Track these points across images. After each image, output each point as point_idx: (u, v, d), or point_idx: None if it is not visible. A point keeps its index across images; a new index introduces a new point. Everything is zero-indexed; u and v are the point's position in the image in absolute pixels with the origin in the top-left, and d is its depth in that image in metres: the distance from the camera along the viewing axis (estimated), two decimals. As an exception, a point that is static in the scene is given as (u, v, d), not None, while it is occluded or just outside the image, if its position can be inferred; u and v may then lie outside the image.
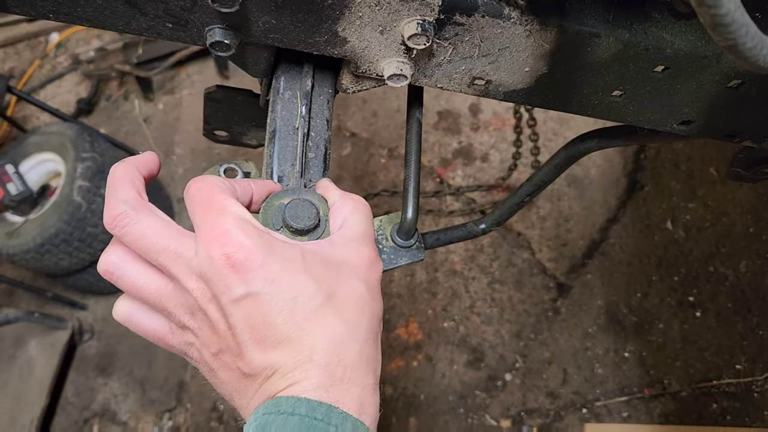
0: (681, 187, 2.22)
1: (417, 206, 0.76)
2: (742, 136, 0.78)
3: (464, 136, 2.56)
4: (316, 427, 0.47)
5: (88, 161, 2.42)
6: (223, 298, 0.50)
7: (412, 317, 2.33)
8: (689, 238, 2.14)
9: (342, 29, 0.63)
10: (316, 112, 0.69)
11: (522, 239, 2.32)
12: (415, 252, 0.78)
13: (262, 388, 0.52)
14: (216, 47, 0.63)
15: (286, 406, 0.48)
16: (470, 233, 1.01)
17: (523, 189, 0.95)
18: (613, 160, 2.34)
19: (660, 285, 2.12)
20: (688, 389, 1.97)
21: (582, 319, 2.16)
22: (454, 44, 0.65)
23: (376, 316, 0.56)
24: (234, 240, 0.50)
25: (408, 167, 0.76)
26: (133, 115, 3.19)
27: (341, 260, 0.55)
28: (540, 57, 0.66)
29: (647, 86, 0.70)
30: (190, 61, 3.18)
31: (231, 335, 0.52)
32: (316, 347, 0.50)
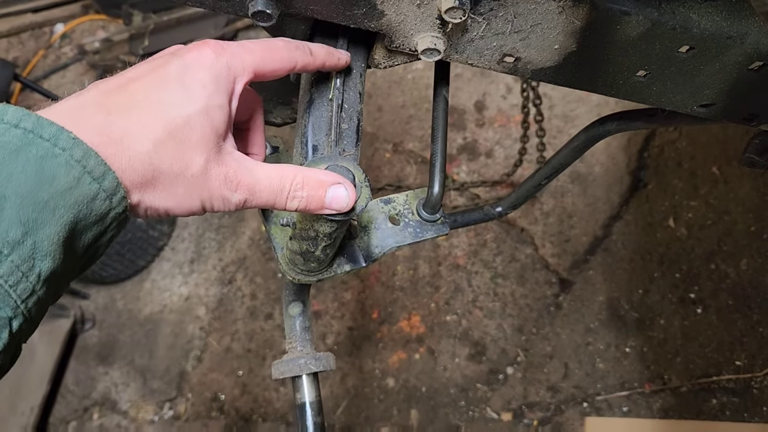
0: (683, 186, 2.24)
1: (443, 181, 0.78)
2: (760, 120, 0.80)
3: (469, 132, 2.58)
4: (39, 145, 0.44)
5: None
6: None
7: (415, 310, 2.35)
8: (691, 236, 2.17)
9: (380, 2, 0.64)
10: (349, 85, 0.71)
11: (525, 235, 2.34)
12: (440, 226, 0.80)
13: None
14: (258, 17, 0.64)
15: (12, 116, 0.44)
16: (487, 215, 1.03)
17: (541, 172, 0.97)
18: (616, 158, 2.37)
19: (661, 282, 2.14)
20: (688, 385, 1.99)
21: (584, 314, 2.18)
22: (488, 19, 0.66)
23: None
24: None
25: (435, 143, 0.78)
26: (138, 106, 3.19)
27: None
28: (570, 34, 0.68)
29: (671, 66, 0.72)
30: (195, 53, 3.19)
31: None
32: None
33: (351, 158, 0.65)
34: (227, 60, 0.55)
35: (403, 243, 0.77)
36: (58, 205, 0.44)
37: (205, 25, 3.05)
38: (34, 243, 0.43)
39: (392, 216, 0.79)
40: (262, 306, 2.53)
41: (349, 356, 2.32)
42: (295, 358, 0.75)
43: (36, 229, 0.43)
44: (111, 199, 0.47)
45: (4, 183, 0.42)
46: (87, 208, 0.46)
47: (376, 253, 0.75)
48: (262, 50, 0.59)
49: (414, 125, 2.69)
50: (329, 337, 2.37)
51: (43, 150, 0.44)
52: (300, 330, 0.79)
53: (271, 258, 2.56)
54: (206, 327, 2.54)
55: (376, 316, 2.37)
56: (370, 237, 0.76)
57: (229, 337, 2.49)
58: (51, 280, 0.45)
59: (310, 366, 0.73)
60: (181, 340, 2.55)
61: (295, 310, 0.79)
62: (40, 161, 0.43)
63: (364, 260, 0.74)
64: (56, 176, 0.44)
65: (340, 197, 0.57)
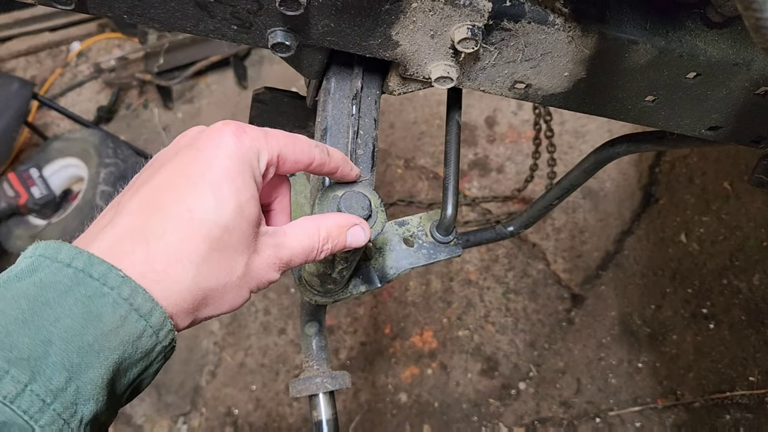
0: (695, 201, 2.25)
1: (456, 204, 0.80)
2: (767, 142, 0.81)
3: (480, 148, 2.60)
4: (88, 285, 0.44)
5: (111, 167, 2.48)
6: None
7: (427, 326, 2.36)
8: (703, 251, 2.17)
9: (395, 33, 0.67)
10: (364, 112, 0.73)
11: (537, 250, 2.35)
12: (453, 248, 0.82)
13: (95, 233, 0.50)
14: (277, 48, 0.67)
15: (65, 255, 0.45)
16: (499, 235, 1.05)
17: (552, 192, 0.99)
18: (627, 174, 2.38)
19: (674, 297, 2.14)
20: (701, 400, 1.98)
21: (596, 329, 2.19)
22: (499, 49, 0.69)
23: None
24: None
25: (447, 167, 0.80)
26: (153, 123, 3.25)
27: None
28: (579, 62, 0.70)
29: (679, 92, 0.74)
30: (209, 71, 3.24)
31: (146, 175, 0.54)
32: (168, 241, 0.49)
33: (367, 183, 0.68)
34: (250, 142, 0.54)
35: (417, 264, 0.79)
36: (103, 347, 0.44)
37: (219, 43, 3.10)
38: (77, 388, 0.42)
39: (406, 238, 0.81)
40: (275, 321, 2.55)
41: (362, 371, 2.33)
42: (311, 376, 0.77)
43: (80, 373, 0.43)
44: (157, 335, 0.47)
45: (50, 326, 0.42)
46: (132, 346, 0.46)
47: (391, 275, 0.77)
48: (286, 137, 0.58)
49: (426, 141, 2.71)
50: (342, 352, 2.38)
51: (92, 290, 0.44)
52: (316, 349, 0.81)
53: (285, 273, 2.58)
54: (220, 342, 2.56)
55: (389, 332, 2.38)
56: (385, 258, 0.78)
57: (243, 352, 2.51)
58: (93, 422, 0.44)
59: (326, 384, 0.75)
60: (195, 355, 2.57)
61: (312, 330, 0.81)
62: (87, 301, 0.44)
63: (379, 281, 0.76)
64: (103, 316, 0.44)
65: (357, 236, 0.60)
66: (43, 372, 0.41)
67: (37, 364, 0.41)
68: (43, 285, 0.44)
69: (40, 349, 0.41)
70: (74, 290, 0.44)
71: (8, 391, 0.40)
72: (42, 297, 0.43)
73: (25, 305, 0.43)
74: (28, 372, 0.41)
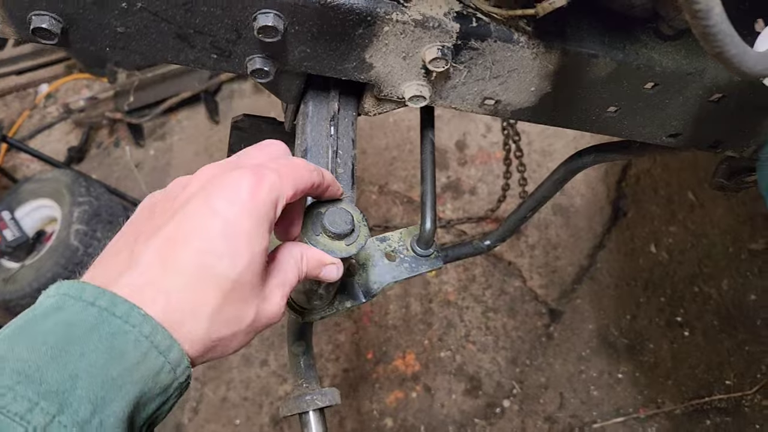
0: (662, 212, 2.32)
1: (435, 218, 0.83)
2: (724, 146, 0.86)
3: (452, 170, 2.65)
4: (112, 322, 0.47)
5: (85, 205, 2.46)
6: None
7: (409, 348, 2.37)
8: (672, 260, 2.23)
9: (369, 56, 0.70)
10: (342, 133, 0.76)
11: (513, 268, 2.39)
12: (434, 261, 0.84)
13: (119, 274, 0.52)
14: (256, 74, 0.70)
15: (89, 295, 0.47)
16: (477, 249, 1.08)
17: (525, 205, 1.03)
18: (596, 189, 2.44)
19: (648, 306, 2.19)
20: (682, 407, 2.02)
21: (575, 343, 2.22)
22: (468, 67, 0.72)
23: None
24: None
25: (424, 183, 0.83)
26: (124, 161, 3.24)
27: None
28: (545, 77, 0.74)
29: (639, 102, 0.78)
30: (180, 107, 3.25)
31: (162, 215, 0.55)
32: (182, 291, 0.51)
33: (348, 200, 0.70)
34: (266, 195, 0.54)
35: (400, 278, 0.81)
36: (125, 381, 0.46)
37: (189, 79, 3.12)
38: (100, 421, 0.45)
39: (388, 253, 0.83)
40: (256, 353, 2.53)
41: (346, 398, 2.32)
42: (301, 395, 0.78)
43: (104, 406, 0.45)
44: (175, 371, 0.50)
45: (77, 362, 0.45)
46: (152, 381, 0.48)
47: (375, 289, 0.79)
48: (293, 170, 0.58)
49: (398, 166, 2.75)
50: (325, 380, 2.37)
51: (115, 327, 0.47)
52: (305, 368, 0.82)
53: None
54: (201, 377, 2.53)
55: (371, 357, 2.38)
56: (368, 274, 0.80)
57: (225, 386, 2.49)
58: None
59: (316, 402, 0.76)
60: (176, 392, 2.54)
61: (299, 349, 0.82)
62: (111, 338, 0.46)
63: (364, 296, 0.78)
64: (125, 352, 0.46)
65: (330, 273, 0.63)
66: (71, 405, 0.43)
67: (65, 397, 0.43)
68: (70, 323, 0.46)
69: (68, 383, 0.44)
70: (99, 328, 0.46)
71: (38, 422, 0.42)
72: (69, 334, 0.46)
73: (53, 342, 0.45)
74: (56, 404, 0.43)
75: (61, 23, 0.64)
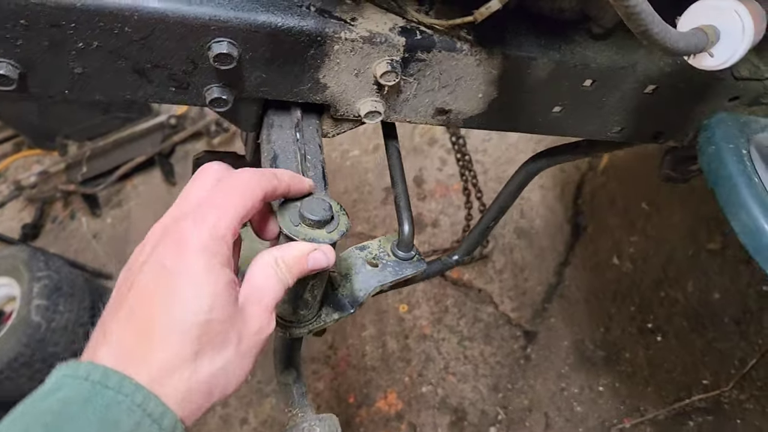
0: (620, 223, 2.39)
1: (412, 220, 0.84)
2: (665, 137, 0.91)
3: (412, 206, 2.68)
4: (105, 395, 0.48)
5: (44, 279, 2.40)
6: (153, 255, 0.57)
7: (390, 387, 2.35)
8: (637, 269, 2.29)
9: (323, 76, 0.73)
10: (307, 139, 0.77)
11: (484, 294, 2.41)
12: (416, 263, 0.85)
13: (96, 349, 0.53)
14: (215, 103, 0.72)
15: (83, 371, 0.49)
16: (446, 265, 1.10)
17: (487, 216, 1.05)
18: (554, 209, 2.50)
19: (619, 317, 2.23)
20: (664, 412, 2.04)
21: (553, 361, 2.24)
22: (418, 79, 0.76)
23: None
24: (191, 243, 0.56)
25: (396, 186, 0.85)
26: (81, 232, 3.19)
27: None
28: (490, 83, 0.78)
29: (581, 99, 0.83)
30: (135, 173, 3.24)
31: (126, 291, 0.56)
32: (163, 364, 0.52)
33: (323, 194, 0.70)
34: (209, 233, 0.56)
35: (385, 281, 0.81)
36: None
37: (142, 144, 3.12)
38: None
39: (370, 260, 0.84)
40: (235, 412, 2.47)
41: (331, 446, 2.27)
42: (297, 425, 0.77)
43: None
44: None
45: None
46: None
47: (362, 297, 0.79)
48: (236, 195, 0.59)
49: (360, 208, 2.78)
50: (308, 430, 2.32)
51: (108, 399, 0.48)
52: (297, 396, 0.81)
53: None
54: (180, 444, 2.45)
55: (353, 400, 2.35)
56: (352, 283, 0.80)
57: (205, 449, 2.41)
58: None
59: (315, 428, 0.74)
60: (155, 463, 2.44)
61: (290, 378, 0.81)
62: (105, 410, 0.48)
63: (351, 306, 0.78)
64: (119, 422, 0.48)
65: (318, 260, 0.63)
66: None
67: None
68: (66, 400, 0.48)
69: None
70: (92, 401, 0.48)
71: None
72: (65, 411, 0.47)
73: (50, 419, 0.46)
74: None
75: (18, 69, 0.65)
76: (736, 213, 0.78)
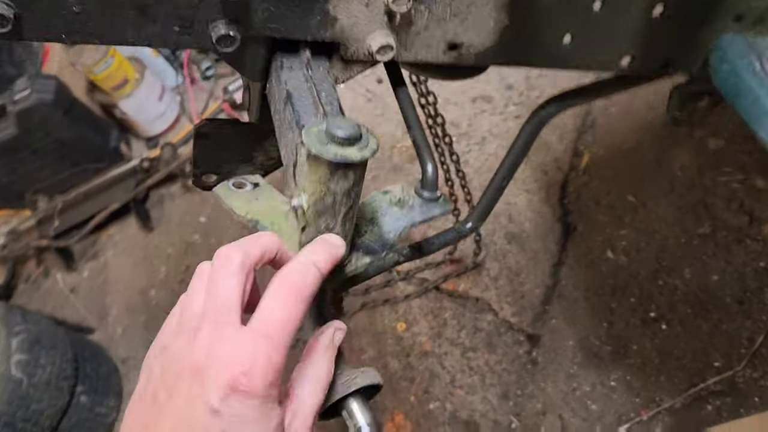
0: (609, 219, 2.38)
1: (434, 159, 0.81)
2: (675, 65, 0.90)
3: (399, 224, 2.65)
4: None
5: (23, 333, 2.28)
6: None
7: (397, 409, 2.26)
8: (632, 261, 2.27)
9: (332, 7, 0.70)
10: (319, 78, 0.73)
11: (482, 303, 2.36)
12: (443, 204, 0.81)
13: None
14: (221, 42, 0.68)
15: None
16: (460, 233, 1.06)
17: (499, 175, 1.03)
18: (542, 211, 2.49)
19: (620, 310, 2.20)
20: (680, 400, 1.99)
21: (560, 362, 2.18)
22: (428, 6, 0.73)
23: None
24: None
25: (412, 130, 0.82)
26: (57, 289, 3.06)
27: None
28: (501, 8, 0.76)
29: (590, 26, 0.81)
30: (109, 222, 3.15)
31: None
32: None
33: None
34: (264, 369, 0.55)
35: (415, 221, 0.77)
36: None
37: (115, 191, 3.05)
38: None
39: (395, 203, 0.80)
40: None
41: (341, 477, 2.16)
42: (338, 375, 0.70)
43: None
44: None
45: None
46: None
47: (392, 238, 0.74)
48: (273, 339, 0.56)
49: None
50: (315, 463, 2.21)
51: None
52: None
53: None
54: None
55: (359, 427, 2.25)
56: (380, 226, 0.76)
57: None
58: None
59: (357, 381, 0.68)
60: None
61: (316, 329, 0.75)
62: None
63: (381, 249, 0.73)
64: None
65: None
66: None
67: None
68: None
69: None
70: None
71: None
72: None
73: None
74: None
75: (13, 8, 0.61)
76: (762, 122, 0.77)
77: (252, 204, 0.79)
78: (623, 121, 2.59)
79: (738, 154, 2.32)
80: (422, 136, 0.82)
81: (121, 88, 3.06)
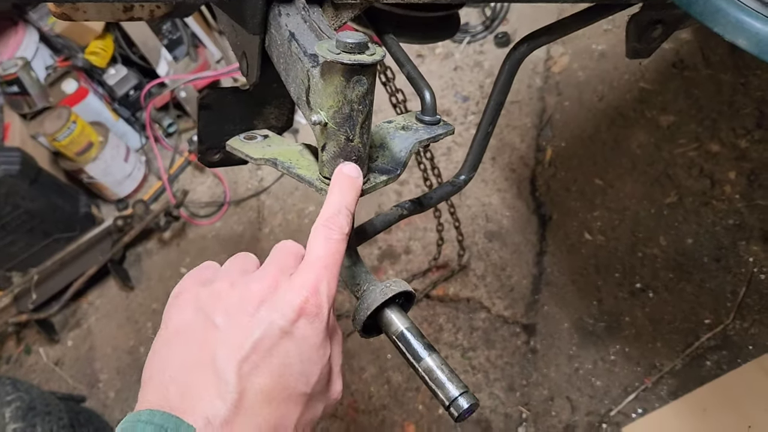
0: (581, 204, 2.47)
1: (430, 87, 0.86)
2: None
3: (381, 241, 2.69)
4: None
5: (16, 402, 2.21)
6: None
7: (407, 420, 2.25)
8: (609, 239, 2.35)
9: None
10: (316, 19, 0.77)
11: (473, 303, 2.40)
12: (445, 125, 0.86)
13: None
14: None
15: (146, 416, 0.54)
16: (456, 186, 1.11)
17: (485, 120, 1.08)
18: (516, 207, 2.57)
19: (607, 287, 2.26)
20: (680, 361, 2.04)
21: (559, 346, 2.22)
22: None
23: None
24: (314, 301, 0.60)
25: (404, 66, 0.87)
26: (42, 364, 2.98)
27: None
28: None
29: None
30: (88, 288, 3.10)
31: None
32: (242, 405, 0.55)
33: None
34: (325, 296, 0.61)
35: (422, 138, 0.81)
36: None
37: (90, 255, 3.01)
38: None
39: (400, 128, 0.84)
40: None
41: (362, 495, 2.12)
42: (366, 295, 0.73)
43: None
44: None
45: None
46: None
47: (404, 156, 0.78)
48: (328, 269, 0.63)
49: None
50: (333, 487, 2.17)
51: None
52: (362, 274, 0.77)
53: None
54: None
55: (372, 443, 2.23)
56: (390, 148, 0.80)
57: None
58: None
59: (392, 288, 0.71)
60: None
61: (348, 261, 0.78)
62: None
63: (395, 168, 0.77)
64: None
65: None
66: None
67: None
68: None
69: None
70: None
71: None
72: None
73: None
74: None
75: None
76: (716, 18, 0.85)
77: (266, 149, 0.83)
78: (577, 112, 2.72)
79: (690, 125, 2.46)
80: (415, 70, 0.88)
81: (86, 152, 3.07)
